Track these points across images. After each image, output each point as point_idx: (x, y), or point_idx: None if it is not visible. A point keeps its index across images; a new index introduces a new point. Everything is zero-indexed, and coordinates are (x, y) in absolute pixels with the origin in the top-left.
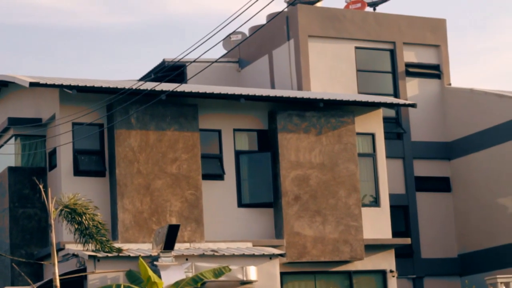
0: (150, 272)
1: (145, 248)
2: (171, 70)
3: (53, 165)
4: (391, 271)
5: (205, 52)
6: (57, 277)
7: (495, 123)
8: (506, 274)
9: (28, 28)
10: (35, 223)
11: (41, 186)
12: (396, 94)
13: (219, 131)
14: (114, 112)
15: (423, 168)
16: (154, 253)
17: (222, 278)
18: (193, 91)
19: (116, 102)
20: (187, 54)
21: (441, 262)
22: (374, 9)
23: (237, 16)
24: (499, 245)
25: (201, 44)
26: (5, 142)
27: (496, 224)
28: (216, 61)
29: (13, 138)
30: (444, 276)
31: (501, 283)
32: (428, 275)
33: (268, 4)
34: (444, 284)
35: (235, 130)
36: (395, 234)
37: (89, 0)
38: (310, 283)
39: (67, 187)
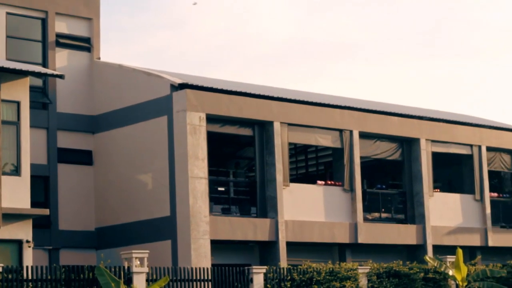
0: None
1: None
2: None
3: None
4: (28, 241)
5: None
6: None
7: (141, 100)
8: (142, 250)
9: None
10: None
11: None
12: (45, 64)
13: None
14: None
15: (67, 140)
16: None
17: None
18: None
19: None
20: None
21: (78, 235)
22: None
23: None
24: (136, 221)
25: None
26: None
27: (135, 200)
28: None
29: None
30: (80, 248)
31: (136, 258)
32: (64, 247)
33: None
34: (80, 256)
35: None
36: (34, 204)
37: None
38: None
39: None
